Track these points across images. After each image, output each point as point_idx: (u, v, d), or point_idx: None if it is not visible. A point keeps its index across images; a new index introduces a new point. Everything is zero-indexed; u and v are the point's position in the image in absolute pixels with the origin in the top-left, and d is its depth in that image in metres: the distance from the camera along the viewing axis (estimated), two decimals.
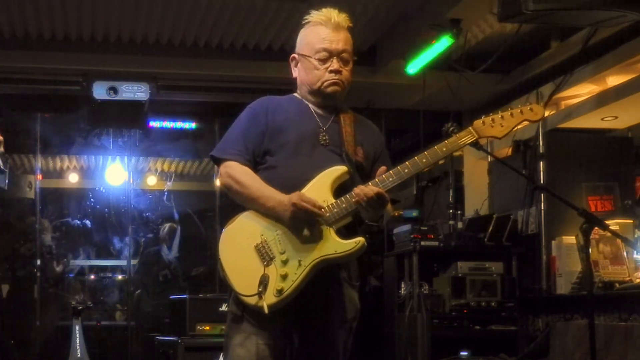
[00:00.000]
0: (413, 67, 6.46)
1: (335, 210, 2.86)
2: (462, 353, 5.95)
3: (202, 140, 8.54)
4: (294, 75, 3.11)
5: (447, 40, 5.81)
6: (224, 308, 5.62)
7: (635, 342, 4.23)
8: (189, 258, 9.32)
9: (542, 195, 5.99)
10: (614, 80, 6.04)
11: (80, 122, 7.91)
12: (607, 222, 3.39)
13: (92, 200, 9.52)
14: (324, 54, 2.99)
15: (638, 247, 5.22)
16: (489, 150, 4.65)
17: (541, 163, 6.10)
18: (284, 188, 2.88)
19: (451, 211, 7.12)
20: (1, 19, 6.23)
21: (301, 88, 3.09)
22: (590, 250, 3.39)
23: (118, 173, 9.02)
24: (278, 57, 6.52)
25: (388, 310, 6.74)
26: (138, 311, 8.71)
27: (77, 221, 9.45)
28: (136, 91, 6.72)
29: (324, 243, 2.84)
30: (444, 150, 2.92)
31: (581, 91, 6.38)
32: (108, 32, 6.55)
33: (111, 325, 8.65)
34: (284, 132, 2.98)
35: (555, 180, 6.05)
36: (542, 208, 6.04)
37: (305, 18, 3.07)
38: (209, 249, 9.09)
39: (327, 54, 2.99)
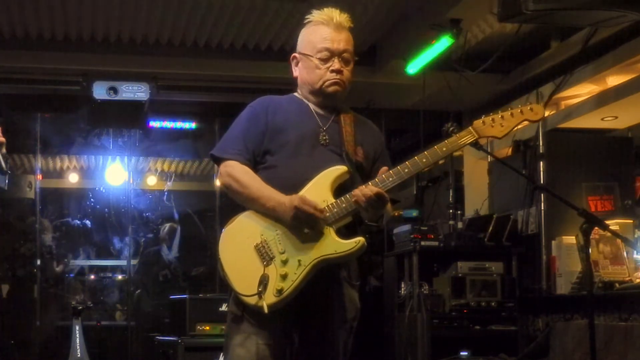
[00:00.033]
0: (413, 67, 6.46)
1: (335, 210, 2.86)
2: (462, 353, 5.95)
3: (202, 140, 8.54)
4: (295, 74, 3.10)
5: (447, 40, 5.81)
6: (224, 308, 5.61)
7: (635, 342, 4.23)
8: (189, 258, 9.32)
9: (542, 195, 5.99)
10: (614, 80, 6.04)
11: (80, 122, 7.91)
12: (607, 222, 3.39)
13: (92, 200, 9.52)
14: (326, 54, 2.98)
15: (638, 247, 5.22)
16: (489, 150, 4.65)
17: (541, 163, 6.10)
18: (284, 188, 2.88)
19: (451, 211, 7.11)
20: (1, 19, 6.23)
21: (302, 87, 3.09)
22: (590, 250, 3.39)
23: (118, 173, 9.02)
24: (278, 57, 6.53)
25: (388, 310, 6.74)
26: (138, 311, 8.71)
27: (77, 221, 9.45)
28: (136, 91, 6.72)
29: (324, 243, 2.84)
30: (444, 150, 2.92)
31: (581, 91, 6.38)
32: (108, 32, 6.55)
33: (111, 325, 8.65)
34: (284, 132, 2.98)
35: (555, 180, 6.05)
36: (542, 208, 6.04)
37: (306, 17, 3.06)
38: (209, 249, 9.09)
39: (329, 54, 2.98)
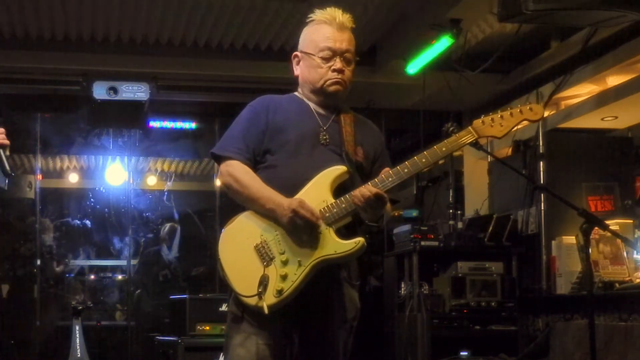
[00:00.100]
0: (413, 67, 6.46)
1: (334, 210, 2.85)
2: (462, 353, 5.95)
3: (202, 140, 8.53)
4: (296, 73, 3.10)
5: (447, 40, 5.81)
6: (224, 308, 5.60)
7: (635, 342, 4.23)
8: (189, 258, 9.32)
9: (542, 195, 5.99)
10: (614, 80, 6.04)
11: (80, 122, 7.91)
12: (607, 222, 3.40)
13: (92, 200, 9.52)
14: (328, 53, 2.98)
15: (638, 247, 5.22)
16: (489, 150, 4.65)
17: (541, 163, 6.10)
18: (284, 187, 2.88)
19: (451, 211, 7.10)
20: (1, 19, 6.23)
21: (303, 86, 3.08)
22: (590, 250, 3.39)
23: (118, 173, 9.02)
24: (278, 57, 6.53)
25: (388, 310, 6.74)
26: (138, 311, 8.71)
27: (77, 221, 9.45)
28: (136, 91, 6.71)
29: (324, 243, 2.83)
30: (444, 150, 2.91)
31: (581, 91, 6.38)
32: (108, 32, 6.55)
33: (111, 325, 8.64)
34: (285, 132, 2.97)
35: (555, 180, 6.05)
36: (542, 208, 6.04)
37: (309, 16, 3.06)
38: (209, 249, 9.08)
39: (331, 53, 2.98)
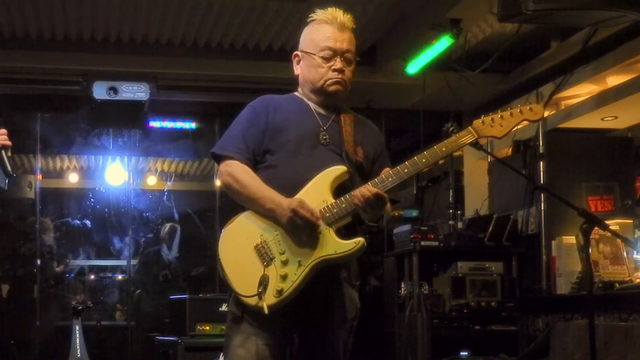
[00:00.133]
0: (413, 67, 6.46)
1: (334, 210, 2.85)
2: (462, 353, 5.95)
3: (202, 140, 8.54)
4: (296, 72, 3.09)
5: (447, 40, 5.81)
6: (224, 308, 5.60)
7: (635, 342, 4.23)
8: (189, 258, 9.32)
9: (542, 195, 5.99)
10: (614, 80, 6.04)
11: (80, 122, 7.91)
12: (607, 222, 3.39)
13: (92, 200, 9.52)
14: (328, 52, 2.98)
15: (638, 247, 5.22)
16: (489, 150, 4.65)
17: (541, 163, 6.10)
18: (284, 187, 2.88)
19: (451, 211, 7.10)
20: (1, 19, 6.23)
21: (303, 86, 3.08)
22: (590, 250, 3.39)
23: (118, 173, 9.02)
24: (278, 57, 6.53)
25: (388, 310, 6.74)
26: (138, 311, 8.70)
27: (77, 221, 9.45)
28: (136, 91, 6.71)
29: (324, 243, 2.83)
30: (444, 150, 2.91)
31: (581, 91, 6.38)
32: (108, 32, 6.54)
33: (111, 325, 8.64)
34: (285, 132, 2.97)
35: (555, 180, 6.06)
36: (542, 208, 6.05)
37: (310, 16, 3.06)
38: (209, 249, 9.08)
39: (332, 53, 2.98)
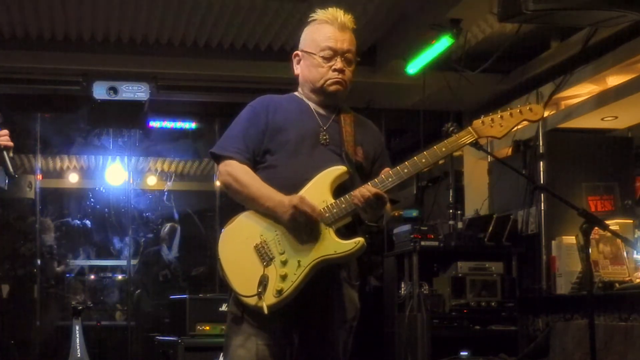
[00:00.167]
0: (413, 67, 6.46)
1: (334, 210, 2.85)
2: (462, 353, 5.95)
3: (202, 140, 8.54)
4: (296, 72, 3.09)
5: (447, 40, 5.81)
6: (224, 308, 5.60)
7: (635, 342, 4.23)
8: (189, 258, 9.32)
9: (542, 195, 5.99)
10: (614, 80, 6.04)
11: (80, 122, 7.92)
12: (607, 222, 3.39)
13: (92, 200, 9.52)
14: (329, 52, 2.98)
15: (638, 247, 5.22)
16: (489, 150, 4.65)
17: (541, 163, 6.10)
18: (284, 187, 2.88)
19: (451, 211, 7.10)
20: (1, 19, 6.23)
21: (303, 86, 3.08)
22: (590, 250, 3.39)
23: (118, 173, 9.03)
24: (278, 57, 6.53)
25: (388, 310, 6.74)
26: (138, 311, 8.71)
27: (77, 221, 9.45)
28: (136, 91, 6.71)
29: (324, 243, 2.83)
30: (444, 150, 2.91)
31: (581, 91, 6.38)
32: (108, 32, 6.54)
33: (111, 325, 8.64)
34: (284, 132, 2.97)
35: (555, 180, 6.06)
36: (542, 208, 6.05)
37: (310, 16, 3.06)
38: (209, 249, 9.09)
39: (332, 53, 2.98)
